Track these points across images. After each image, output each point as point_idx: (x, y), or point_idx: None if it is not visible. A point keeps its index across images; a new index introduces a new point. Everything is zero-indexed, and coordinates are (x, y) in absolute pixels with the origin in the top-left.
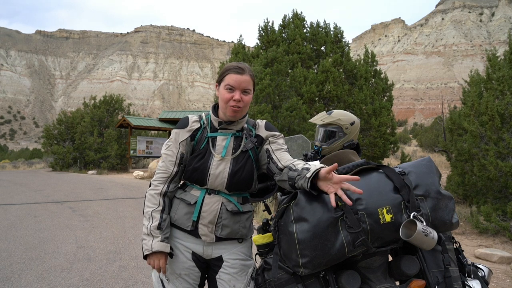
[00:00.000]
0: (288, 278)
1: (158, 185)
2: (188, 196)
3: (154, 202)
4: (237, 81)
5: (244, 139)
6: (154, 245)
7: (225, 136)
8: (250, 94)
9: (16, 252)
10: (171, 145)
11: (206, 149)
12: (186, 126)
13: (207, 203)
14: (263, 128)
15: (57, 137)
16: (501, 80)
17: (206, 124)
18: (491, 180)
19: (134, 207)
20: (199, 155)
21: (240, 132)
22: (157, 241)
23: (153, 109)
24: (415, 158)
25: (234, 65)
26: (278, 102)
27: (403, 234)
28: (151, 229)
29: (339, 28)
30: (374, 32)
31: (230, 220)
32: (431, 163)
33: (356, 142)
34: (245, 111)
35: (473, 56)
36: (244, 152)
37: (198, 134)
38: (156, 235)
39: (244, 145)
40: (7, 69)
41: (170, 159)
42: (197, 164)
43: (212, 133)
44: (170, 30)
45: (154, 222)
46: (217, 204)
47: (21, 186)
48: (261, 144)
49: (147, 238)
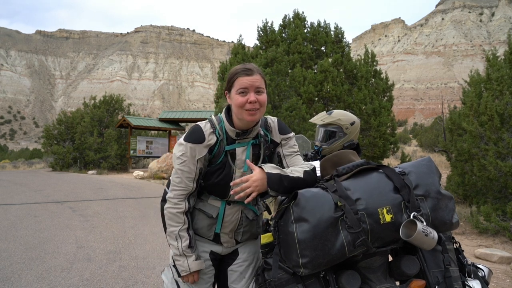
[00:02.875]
0: (288, 278)
1: (179, 203)
2: (208, 207)
3: (178, 221)
4: (248, 82)
5: (262, 146)
6: (192, 265)
7: (244, 147)
8: (264, 93)
9: (16, 252)
10: (187, 161)
11: (225, 163)
12: (202, 141)
13: (228, 214)
14: (277, 131)
15: (57, 137)
16: (500, 80)
17: (221, 136)
18: (491, 180)
19: (134, 207)
20: (218, 170)
21: (256, 139)
22: (192, 260)
23: (153, 109)
24: (415, 158)
25: (241, 67)
26: (278, 102)
27: (403, 234)
28: (184, 250)
29: (340, 28)
30: (374, 32)
31: (250, 226)
32: (431, 163)
33: (356, 142)
34: (262, 112)
35: (473, 56)
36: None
37: (215, 149)
38: (189, 255)
39: (264, 154)
40: (7, 69)
41: (188, 176)
42: (218, 179)
43: (229, 146)
44: (170, 30)
45: (185, 242)
46: (237, 213)
47: (21, 186)
48: (275, 149)
49: (181, 259)
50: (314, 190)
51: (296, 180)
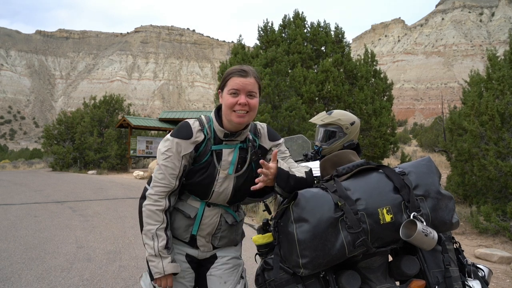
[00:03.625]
0: (288, 278)
1: (159, 200)
2: (187, 207)
3: (157, 219)
4: (241, 84)
5: (249, 151)
6: (166, 267)
7: (231, 149)
8: (256, 98)
9: (16, 252)
10: (172, 157)
11: (210, 163)
12: (189, 137)
13: (207, 216)
14: (266, 137)
15: (57, 137)
16: (501, 80)
17: (209, 135)
18: (491, 180)
19: (134, 207)
20: (202, 169)
21: (244, 143)
22: (167, 262)
23: (153, 109)
24: (415, 158)
25: (236, 68)
26: (277, 102)
27: (403, 234)
28: (160, 250)
29: (340, 28)
30: (374, 32)
31: (228, 232)
32: (431, 163)
33: (356, 142)
34: (252, 116)
35: (473, 56)
36: (248, 164)
37: (202, 147)
38: (165, 256)
39: (250, 160)
40: (7, 69)
41: (172, 172)
42: (200, 178)
43: (216, 146)
44: (170, 30)
45: (161, 242)
46: (216, 216)
47: (21, 186)
48: (265, 155)
49: (155, 259)
50: (314, 190)
51: (300, 180)
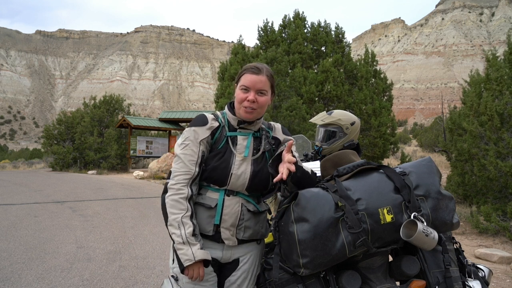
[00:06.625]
0: (289, 278)
1: (181, 188)
2: (206, 199)
3: (181, 207)
4: (252, 81)
5: (263, 140)
6: (196, 253)
7: (245, 136)
8: (266, 96)
9: (16, 252)
10: (190, 144)
11: (226, 148)
12: (205, 124)
13: (227, 205)
14: (280, 131)
15: (57, 137)
16: (500, 80)
17: (223, 122)
18: (491, 180)
19: (134, 207)
20: (218, 154)
21: (258, 132)
22: (197, 248)
23: (153, 109)
24: (415, 158)
25: (251, 65)
26: (278, 102)
27: (404, 234)
28: (188, 237)
29: (340, 28)
30: (374, 32)
31: (252, 221)
32: (432, 163)
33: (356, 142)
34: (260, 113)
35: (473, 56)
36: (263, 153)
37: (217, 133)
38: (193, 243)
39: (264, 147)
40: (7, 69)
41: (191, 159)
42: (217, 163)
43: (231, 132)
44: (170, 30)
45: (188, 229)
46: (237, 205)
47: (21, 186)
48: (278, 147)
49: (184, 247)
50: (314, 190)
51: (306, 174)
